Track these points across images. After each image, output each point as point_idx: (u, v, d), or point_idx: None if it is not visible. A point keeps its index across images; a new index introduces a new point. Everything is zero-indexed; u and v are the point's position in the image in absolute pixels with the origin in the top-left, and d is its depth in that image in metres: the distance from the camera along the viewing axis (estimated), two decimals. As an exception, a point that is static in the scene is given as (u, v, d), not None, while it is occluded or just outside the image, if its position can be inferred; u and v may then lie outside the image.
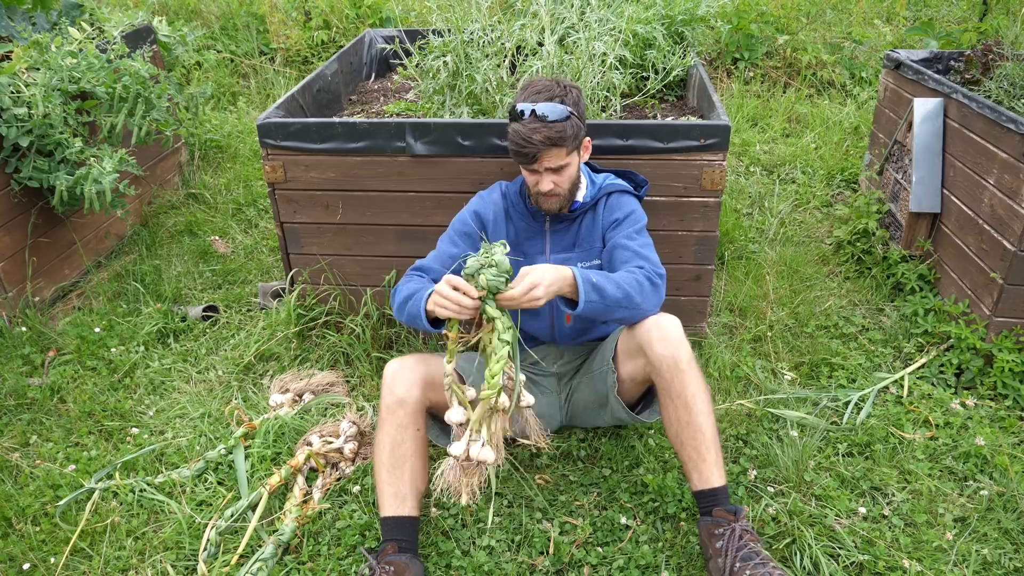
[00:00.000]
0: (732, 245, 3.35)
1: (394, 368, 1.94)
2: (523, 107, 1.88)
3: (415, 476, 1.90)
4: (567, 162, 1.93)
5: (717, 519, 1.79)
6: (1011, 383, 2.44)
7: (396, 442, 1.89)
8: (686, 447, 1.84)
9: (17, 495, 2.16)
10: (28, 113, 2.77)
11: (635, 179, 2.21)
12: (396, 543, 1.83)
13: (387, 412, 1.91)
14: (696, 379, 1.85)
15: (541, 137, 1.85)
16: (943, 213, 2.88)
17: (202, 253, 3.46)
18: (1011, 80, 2.76)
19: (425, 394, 1.93)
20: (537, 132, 1.85)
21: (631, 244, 1.99)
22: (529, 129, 1.85)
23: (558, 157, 1.90)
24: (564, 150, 1.90)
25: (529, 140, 1.85)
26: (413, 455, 1.90)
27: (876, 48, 5.39)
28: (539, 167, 1.92)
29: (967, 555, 1.93)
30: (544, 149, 1.87)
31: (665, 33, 3.05)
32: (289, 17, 5.79)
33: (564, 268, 1.80)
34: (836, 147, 4.36)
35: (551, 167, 1.92)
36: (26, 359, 2.75)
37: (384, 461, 1.89)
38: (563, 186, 1.97)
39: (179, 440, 2.37)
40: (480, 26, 2.72)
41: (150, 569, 1.95)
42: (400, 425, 1.89)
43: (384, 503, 1.87)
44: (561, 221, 2.08)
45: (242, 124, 4.93)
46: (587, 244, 2.09)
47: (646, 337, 1.87)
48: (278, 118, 2.48)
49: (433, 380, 1.96)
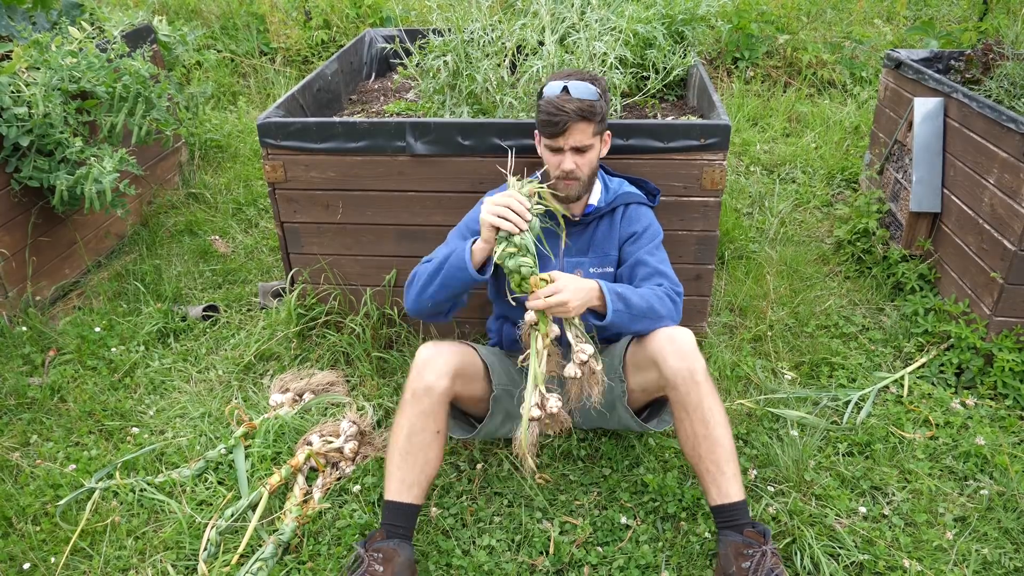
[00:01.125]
0: (732, 245, 3.35)
1: (428, 354, 1.90)
2: (555, 83, 1.91)
3: (427, 467, 1.87)
4: (591, 143, 1.93)
5: (748, 540, 1.77)
6: (1011, 383, 2.44)
7: (415, 429, 1.86)
8: (704, 460, 1.83)
9: (17, 495, 2.16)
10: (28, 113, 2.77)
11: (647, 187, 2.21)
12: (386, 529, 1.82)
13: (412, 396, 1.87)
14: (712, 392, 1.85)
15: (574, 107, 1.86)
16: (943, 213, 2.88)
17: (202, 253, 3.46)
18: (1011, 79, 2.76)
19: (453, 385, 1.90)
20: (570, 102, 1.87)
21: (651, 260, 2.01)
22: (562, 99, 1.88)
23: (585, 134, 1.91)
24: (592, 127, 1.91)
25: (562, 108, 1.86)
26: (429, 446, 1.87)
27: (876, 48, 5.39)
28: (565, 144, 1.92)
29: (967, 555, 1.93)
30: (575, 120, 1.87)
31: (665, 33, 3.05)
32: (289, 17, 5.79)
33: (587, 280, 1.85)
34: (836, 147, 4.36)
35: (576, 146, 1.92)
36: (26, 359, 2.75)
37: (399, 445, 1.86)
38: (584, 170, 1.96)
39: (179, 440, 2.37)
40: (480, 25, 2.71)
41: (150, 569, 1.95)
42: (423, 413, 1.86)
43: (389, 487, 1.85)
44: (575, 225, 2.07)
45: (242, 124, 4.93)
46: (601, 250, 2.08)
47: (660, 350, 1.86)
48: (278, 118, 2.48)
49: (464, 371, 1.94)
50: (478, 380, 2.03)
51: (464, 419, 2.15)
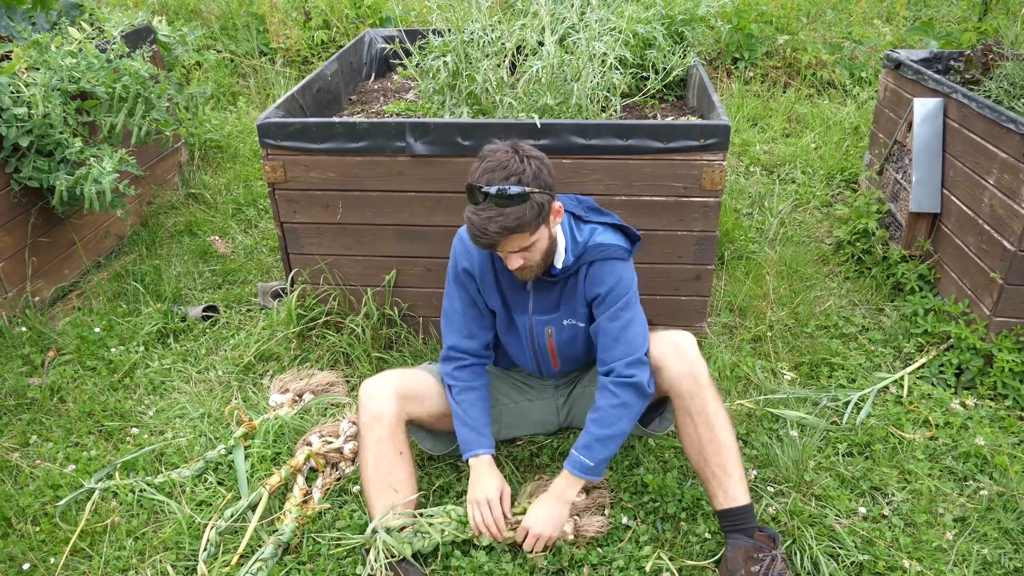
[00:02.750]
0: (732, 245, 3.35)
1: (368, 387, 1.96)
2: (477, 185, 1.70)
3: (403, 487, 1.89)
4: (533, 240, 1.75)
5: (759, 544, 1.78)
6: (1011, 383, 2.44)
7: (378, 456, 1.89)
8: (710, 464, 1.83)
9: (17, 495, 2.16)
10: (28, 113, 2.76)
11: (628, 232, 1.97)
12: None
13: (365, 430, 1.92)
14: (715, 396, 1.85)
15: (497, 227, 1.67)
16: (943, 213, 2.88)
17: (202, 253, 3.46)
18: (1011, 80, 2.76)
19: (402, 407, 1.94)
20: (492, 222, 1.67)
21: (611, 328, 1.88)
22: (484, 219, 1.68)
23: (521, 240, 1.73)
24: (526, 233, 1.72)
25: (485, 231, 1.69)
26: (396, 468, 1.90)
27: (876, 48, 5.39)
28: (503, 252, 1.78)
29: (967, 555, 1.93)
30: (503, 237, 1.71)
31: (665, 33, 3.05)
32: (289, 17, 5.79)
33: (552, 496, 1.89)
34: (836, 147, 4.36)
35: (514, 250, 1.77)
36: (26, 359, 2.75)
37: (370, 477, 1.90)
38: (534, 259, 1.80)
39: (179, 440, 2.37)
40: (480, 26, 2.71)
41: (150, 569, 1.95)
42: (380, 440, 1.89)
43: (375, 517, 1.87)
44: (543, 282, 1.94)
45: (242, 124, 4.93)
46: (569, 307, 1.96)
47: (663, 356, 1.86)
48: (278, 118, 2.48)
49: (410, 390, 1.96)
50: (432, 396, 2.03)
51: (432, 433, 2.15)
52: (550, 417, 2.24)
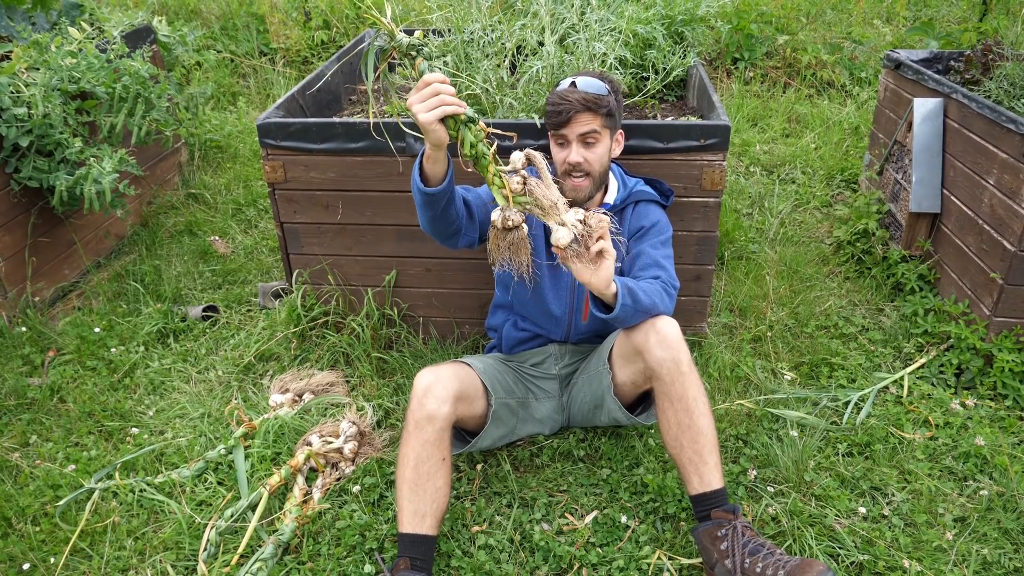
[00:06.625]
0: (732, 245, 3.35)
1: (427, 381, 1.88)
2: (566, 80, 1.94)
3: (437, 495, 1.83)
4: (599, 135, 1.93)
5: (717, 520, 1.78)
6: (1011, 383, 2.44)
7: (421, 459, 1.83)
8: (686, 450, 1.83)
9: (17, 495, 2.16)
10: (28, 113, 2.77)
11: (661, 188, 2.22)
12: (410, 559, 1.78)
13: (415, 426, 1.85)
14: (697, 382, 1.84)
15: (578, 97, 1.88)
16: (943, 213, 2.88)
17: (202, 253, 3.46)
18: (1011, 80, 2.76)
19: (455, 409, 1.89)
20: (574, 93, 1.88)
21: (654, 253, 2.01)
22: (567, 91, 1.90)
23: (590, 124, 1.90)
24: (598, 119, 1.91)
25: (565, 98, 1.88)
26: (437, 474, 1.83)
27: (876, 48, 5.39)
28: (569, 133, 1.92)
29: (967, 555, 1.93)
30: (578, 110, 1.88)
31: (665, 33, 3.05)
32: (289, 17, 5.79)
33: None
34: (836, 147, 4.36)
35: (582, 133, 1.91)
36: (26, 359, 2.75)
37: (407, 477, 1.83)
38: (593, 165, 1.95)
39: (179, 440, 2.37)
40: (480, 26, 2.71)
41: (150, 569, 1.95)
42: (427, 442, 1.83)
43: (403, 519, 1.81)
44: None
45: (242, 124, 4.93)
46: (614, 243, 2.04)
47: (644, 341, 1.85)
48: (278, 118, 2.48)
49: (464, 394, 1.93)
50: (478, 399, 2.02)
51: (458, 433, 2.13)
52: (555, 415, 2.24)
